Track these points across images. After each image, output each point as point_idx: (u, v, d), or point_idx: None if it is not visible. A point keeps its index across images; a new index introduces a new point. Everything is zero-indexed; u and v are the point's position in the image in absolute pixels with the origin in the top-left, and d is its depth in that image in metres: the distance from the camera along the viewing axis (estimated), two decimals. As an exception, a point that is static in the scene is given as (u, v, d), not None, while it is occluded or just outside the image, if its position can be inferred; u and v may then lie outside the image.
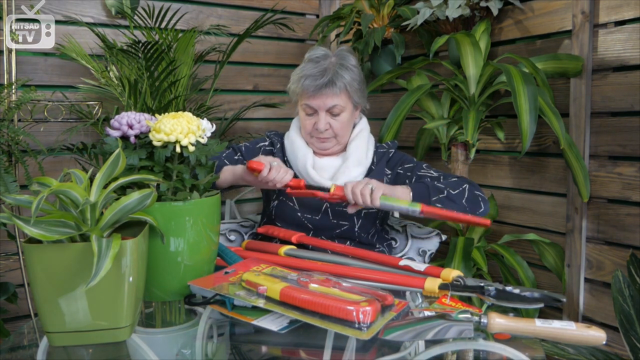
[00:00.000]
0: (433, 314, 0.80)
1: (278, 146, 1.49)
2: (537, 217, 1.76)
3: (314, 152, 1.43)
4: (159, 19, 1.96)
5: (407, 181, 1.40)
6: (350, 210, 1.24)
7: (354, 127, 1.47)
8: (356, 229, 1.37)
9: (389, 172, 1.44)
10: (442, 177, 1.37)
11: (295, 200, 1.39)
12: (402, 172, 1.43)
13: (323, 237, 1.35)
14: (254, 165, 1.23)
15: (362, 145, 1.42)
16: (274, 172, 1.23)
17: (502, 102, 1.71)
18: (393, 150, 1.48)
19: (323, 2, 2.56)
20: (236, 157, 1.45)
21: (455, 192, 1.29)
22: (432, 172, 1.40)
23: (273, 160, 1.25)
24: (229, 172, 1.34)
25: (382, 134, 1.75)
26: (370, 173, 1.43)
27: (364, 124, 1.48)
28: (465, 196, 1.29)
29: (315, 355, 0.79)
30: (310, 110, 1.39)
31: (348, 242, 1.38)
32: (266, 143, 1.51)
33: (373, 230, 1.41)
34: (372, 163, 1.44)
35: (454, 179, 1.35)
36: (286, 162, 1.45)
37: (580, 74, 1.56)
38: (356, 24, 2.13)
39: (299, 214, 1.38)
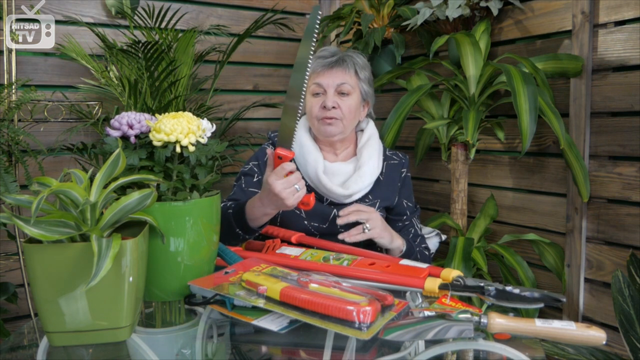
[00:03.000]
0: (433, 314, 0.80)
1: None
2: (537, 217, 1.76)
3: (324, 157, 1.40)
4: (159, 19, 1.96)
5: (399, 224, 1.44)
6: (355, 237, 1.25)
7: (362, 131, 1.46)
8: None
9: (397, 196, 1.44)
10: (419, 239, 1.44)
11: (302, 209, 1.37)
12: (398, 205, 1.44)
13: None
14: (284, 153, 1.10)
15: (374, 154, 1.40)
16: (297, 177, 1.12)
17: (502, 102, 1.71)
18: (405, 170, 1.47)
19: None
20: (255, 179, 1.39)
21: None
22: (418, 227, 1.46)
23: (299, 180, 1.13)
24: (266, 206, 1.18)
25: (383, 134, 1.75)
26: (378, 183, 1.41)
27: (372, 129, 1.46)
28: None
29: (315, 355, 0.79)
30: (318, 89, 1.36)
31: None
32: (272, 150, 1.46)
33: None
34: (381, 172, 1.42)
35: (421, 248, 1.42)
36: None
37: (580, 74, 1.56)
38: (356, 24, 2.13)
39: (306, 222, 1.36)
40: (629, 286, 1.34)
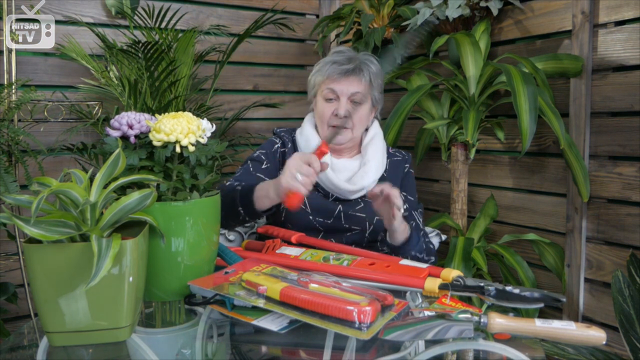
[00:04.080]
0: (433, 314, 0.80)
1: (289, 145, 1.44)
2: (537, 217, 1.76)
3: (330, 153, 1.40)
4: (159, 19, 1.96)
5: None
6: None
7: (366, 130, 1.46)
8: (367, 234, 1.37)
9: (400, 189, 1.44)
10: (421, 233, 1.39)
11: (308, 204, 1.36)
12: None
13: (332, 240, 1.33)
14: (323, 148, 1.14)
15: (379, 150, 1.41)
16: (308, 171, 1.12)
17: (502, 102, 1.71)
18: (408, 166, 1.47)
19: (323, 2, 2.56)
20: (264, 166, 1.40)
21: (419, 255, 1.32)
22: (419, 220, 1.43)
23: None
24: (269, 187, 1.19)
25: (384, 134, 1.75)
26: (382, 180, 1.40)
27: (377, 128, 1.47)
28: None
29: (315, 355, 0.79)
30: (331, 95, 1.36)
31: (353, 246, 1.37)
32: (278, 144, 1.45)
33: (381, 235, 1.40)
34: (385, 170, 1.43)
35: (424, 243, 1.38)
36: None
37: (580, 74, 1.56)
38: (356, 24, 2.13)
39: (311, 217, 1.36)
40: (629, 286, 1.34)
